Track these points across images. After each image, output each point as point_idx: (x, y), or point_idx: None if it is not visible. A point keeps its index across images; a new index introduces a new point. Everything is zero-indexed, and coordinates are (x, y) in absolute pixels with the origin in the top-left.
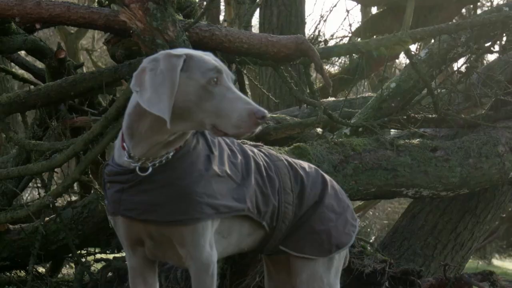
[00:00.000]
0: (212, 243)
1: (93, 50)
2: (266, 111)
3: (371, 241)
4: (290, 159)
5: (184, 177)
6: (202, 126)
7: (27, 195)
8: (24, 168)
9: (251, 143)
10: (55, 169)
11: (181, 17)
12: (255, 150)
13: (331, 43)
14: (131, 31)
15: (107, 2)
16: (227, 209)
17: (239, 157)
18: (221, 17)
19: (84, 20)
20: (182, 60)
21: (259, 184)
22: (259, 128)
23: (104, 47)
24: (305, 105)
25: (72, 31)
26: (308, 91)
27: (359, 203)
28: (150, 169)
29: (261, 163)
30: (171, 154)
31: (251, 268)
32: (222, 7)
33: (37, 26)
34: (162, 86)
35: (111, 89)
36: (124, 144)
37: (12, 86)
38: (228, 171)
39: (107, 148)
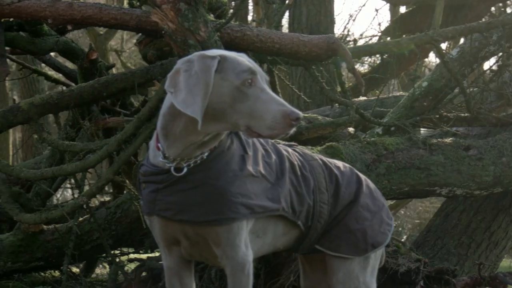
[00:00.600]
0: (247, 242)
1: (122, 51)
2: (300, 113)
3: (402, 240)
4: (324, 159)
5: (219, 177)
6: (236, 127)
7: (58, 195)
8: (58, 169)
9: (285, 142)
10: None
11: (212, 18)
12: (289, 149)
13: (360, 42)
14: (163, 32)
15: (138, 3)
16: (261, 209)
17: (273, 156)
18: (249, 17)
19: (116, 21)
20: (216, 61)
21: (293, 183)
22: (293, 129)
23: (133, 48)
24: (336, 104)
25: (101, 32)
26: (339, 90)
27: (390, 202)
28: (185, 170)
29: (295, 162)
30: (206, 154)
31: (285, 267)
32: (250, 7)
33: (69, 27)
34: (196, 87)
35: (143, 89)
36: (159, 144)
37: (43, 88)
38: (262, 171)
39: (140, 149)
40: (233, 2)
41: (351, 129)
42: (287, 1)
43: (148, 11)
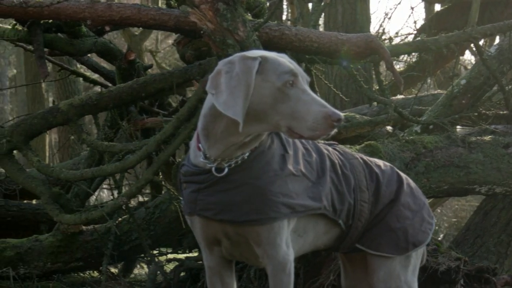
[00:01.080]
0: (288, 242)
1: (157, 52)
2: (341, 114)
3: (439, 238)
4: (365, 157)
5: (260, 177)
6: (277, 128)
7: (95, 195)
8: (98, 170)
9: (326, 141)
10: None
11: (250, 17)
12: (330, 148)
13: (396, 40)
14: (201, 32)
15: (176, 3)
16: (303, 208)
17: (314, 155)
18: (284, 17)
19: (155, 21)
20: (257, 62)
21: (334, 182)
22: (335, 130)
23: (168, 49)
24: (375, 103)
25: (136, 33)
26: (378, 88)
27: (428, 201)
28: (226, 170)
29: (336, 161)
30: (247, 154)
31: (325, 266)
32: (285, 6)
33: (107, 28)
34: (237, 89)
35: (181, 89)
36: (200, 145)
37: (79, 89)
38: (303, 170)
39: (179, 149)
40: (268, 3)
41: (389, 128)
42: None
43: (186, 11)
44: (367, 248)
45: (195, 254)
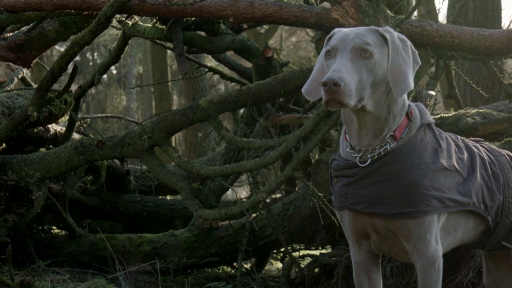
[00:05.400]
0: (437, 237)
1: (281, 50)
2: (331, 77)
3: None
4: (511, 154)
5: (412, 170)
6: None
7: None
8: (237, 166)
9: (472, 139)
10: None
11: (391, 14)
12: (478, 145)
13: None
14: None
15: (315, 0)
16: (453, 203)
17: (465, 152)
18: None
19: (296, 18)
20: (326, 40)
21: (484, 179)
22: (337, 97)
23: (291, 47)
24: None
25: (261, 31)
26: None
27: None
28: (369, 161)
29: (485, 158)
30: (391, 146)
31: (464, 264)
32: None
33: (245, 26)
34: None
35: None
36: (346, 136)
37: (205, 86)
38: (456, 165)
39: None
40: None
41: None
42: None
43: (328, 8)
44: None
45: (329, 251)
